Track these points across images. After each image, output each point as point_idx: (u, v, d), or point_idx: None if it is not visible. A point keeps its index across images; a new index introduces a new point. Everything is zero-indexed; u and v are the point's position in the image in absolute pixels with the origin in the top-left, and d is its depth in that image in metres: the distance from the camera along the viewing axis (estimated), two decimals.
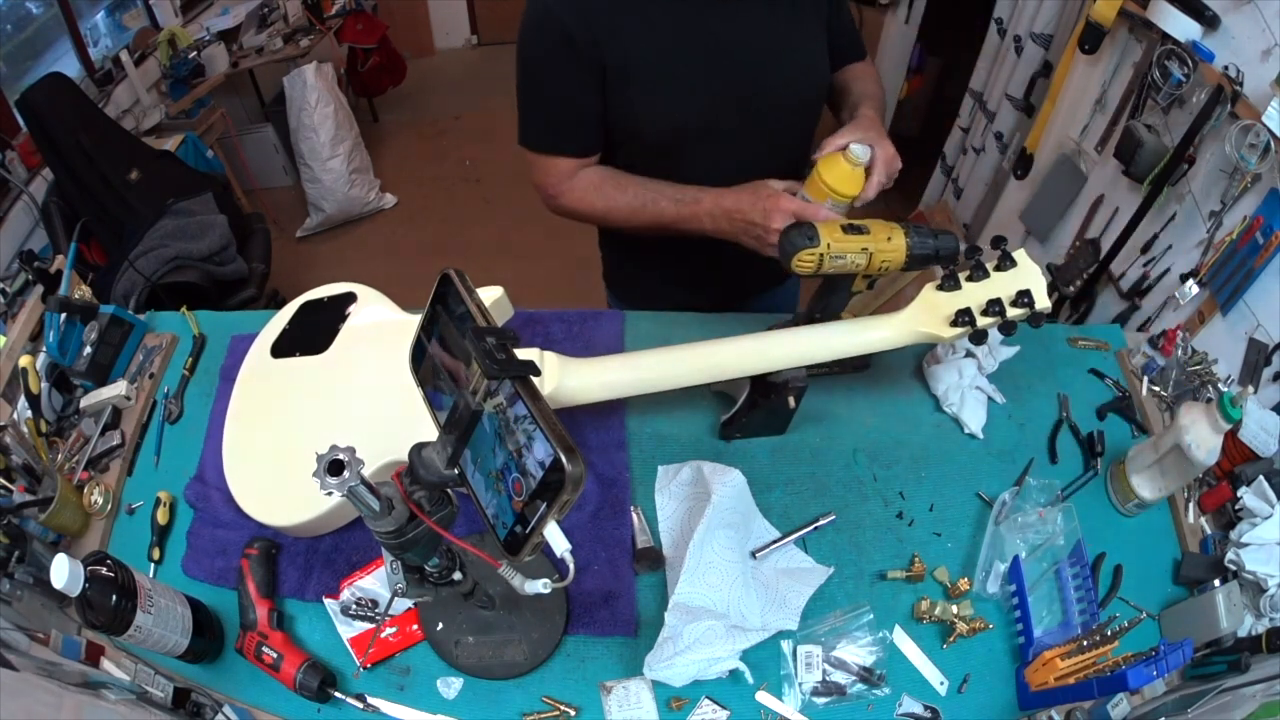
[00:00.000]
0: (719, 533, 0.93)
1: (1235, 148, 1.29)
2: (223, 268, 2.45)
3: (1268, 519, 0.97)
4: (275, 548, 1.00)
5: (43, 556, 0.92)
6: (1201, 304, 1.37)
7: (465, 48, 4.78)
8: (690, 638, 0.85)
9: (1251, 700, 0.77)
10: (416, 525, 0.65)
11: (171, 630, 0.85)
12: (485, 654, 0.91)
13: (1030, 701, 0.89)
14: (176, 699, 0.87)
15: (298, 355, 1.10)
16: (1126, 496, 1.04)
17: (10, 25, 2.56)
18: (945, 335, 0.94)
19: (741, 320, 1.28)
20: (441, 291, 0.70)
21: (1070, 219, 1.96)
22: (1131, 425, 1.15)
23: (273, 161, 3.54)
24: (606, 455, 1.10)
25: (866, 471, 1.09)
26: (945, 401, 1.15)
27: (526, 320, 1.28)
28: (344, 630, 0.94)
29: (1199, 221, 1.43)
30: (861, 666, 0.91)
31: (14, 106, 2.26)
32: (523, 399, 0.56)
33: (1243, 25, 1.37)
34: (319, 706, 0.89)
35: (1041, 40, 2.18)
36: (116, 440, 1.13)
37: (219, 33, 3.25)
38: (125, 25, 3.03)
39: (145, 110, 2.91)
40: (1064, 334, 1.27)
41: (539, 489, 0.55)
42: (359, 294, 1.14)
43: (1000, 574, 0.96)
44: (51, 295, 1.19)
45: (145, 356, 1.25)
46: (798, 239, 0.89)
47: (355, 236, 3.44)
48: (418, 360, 0.74)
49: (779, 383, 1.01)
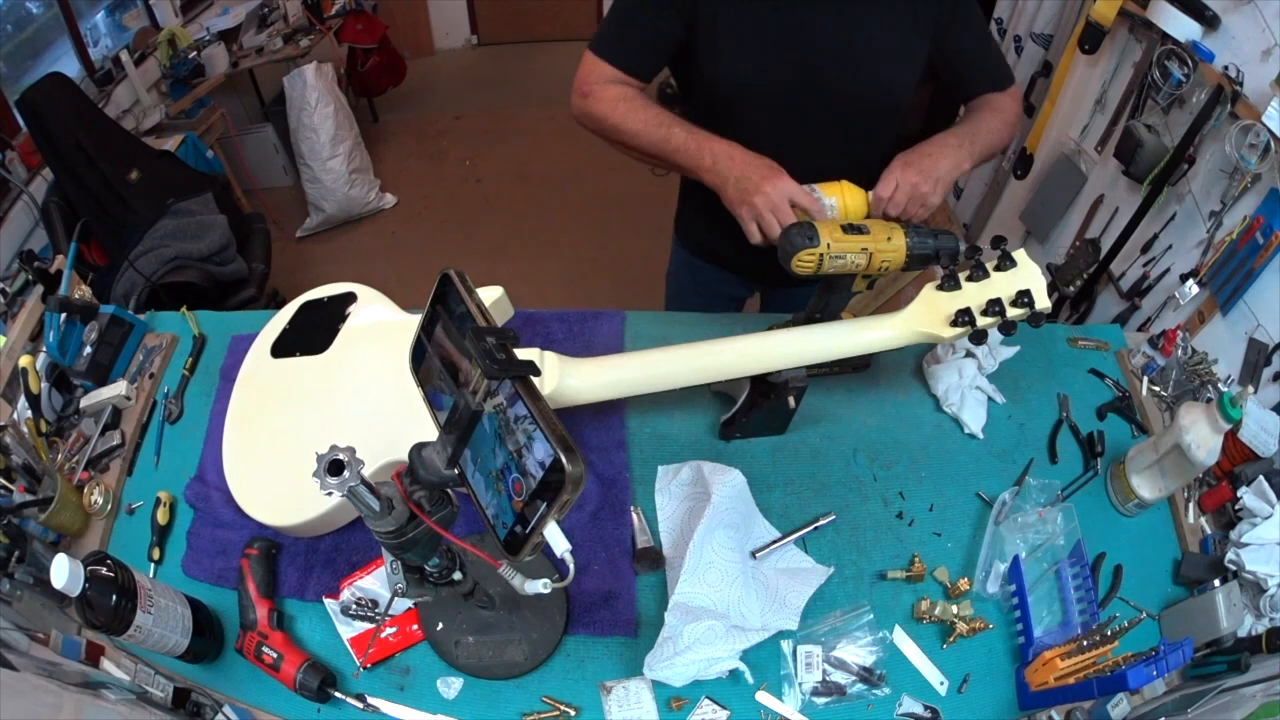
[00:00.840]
0: (719, 533, 0.93)
1: (1235, 148, 1.29)
2: (223, 268, 2.45)
3: (1268, 519, 0.97)
4: (275, 548, 1.00)
5: (43, 556, 0.92)
6: (1201, 304, 1.37)
7: (465, 48, 4.78)
8: (690, 638, 0.85)
9: (1251, 700, 0.77)
10: (416, 525, 0.65)
11: (171, 630, 0.85)
12: (485, 654, 0.91)
13: (1030, 701, 0.89)
14: (176, 699, 0.87)
15: (298, 355, 1.10)
16: (1126, 496, 1.04)
17: (10, 25, 2.55)
18: (945, 335, 0.94)
19: (742, 320, 1.27)
20: (441, 291, 0.70)
21: (1070, 219, 1.96)
22: (1131, 425, 1.15)
23: (273, 161, 3.53)
24: (606, 455, 1.10)
25: (866, 471, 1.09)
26: (945, 401, 1.15)
27: (526, 320, 1.28)
28: (344, 630, 0.94)
29: (1199, 221, 1.43)
30: (861, 666, 0.91)
31: (14, 106, 2.25)
32: (523, 399, 0.56)
33: (1243, 25, 1.37)
34: (319, 706, 0.89)
35: (1041, 40, 2.18)
36: (116, 440, 1.13)
37: (219, 33, 3.24)
38: (125, 25, 3.03)
39: (145, 110, 2.91)
40: (1064, 334, 1.27)
41: (539, 489, 0.55)
42: (359, 294, 1.14)
43: (1000, 574, 0.96)
44: (51, 295, 1.19)
45: (145, 356, 1.25)
46: (798, 239, 0.89)
47: (355, 236, 3.44)
48: (418, 360, 0.74)
49: (779, 383, 1.01)
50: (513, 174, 3.66)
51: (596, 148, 1.23)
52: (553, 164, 3.68)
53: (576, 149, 3.77)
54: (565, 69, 1.31)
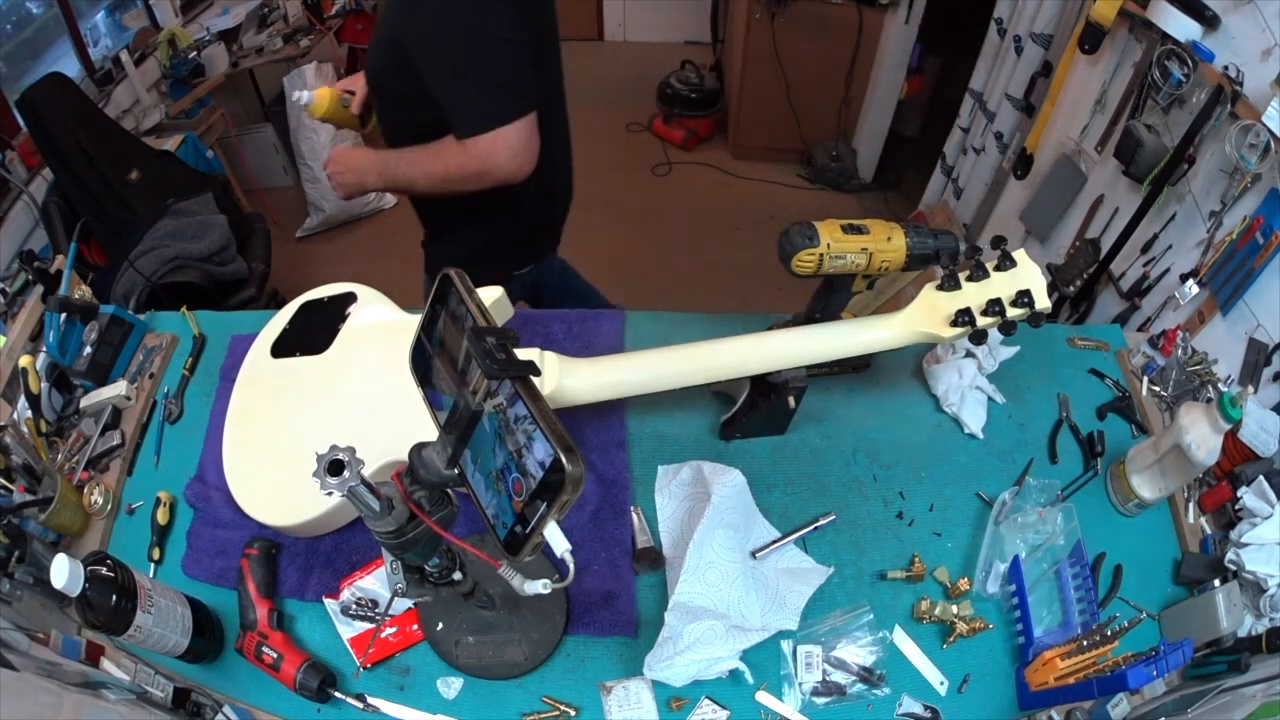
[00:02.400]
0: (719, 533, 0.93)
1: (1235, 148, 1.29)
2: (223, 268, 2.45)
3: (1268, 519, 0.97)
4: (275, 548, 1.00)
5: (43, 556, 0.92)
6: (1201, 304, 1.37)
7: None
8: (690, 638, 0.85)
9: (1251, 700, 0.77)
10: (416, 525, 0.65)
11: (171, 630, 0.85)
12: (485, 654, 0.91)
13: (1030, 701, 0.89)
14: (176, 699, 0.87)
15: (298, 355, 1.10)
16: (1126, 496, 1.04)
17: (10, 25, 2.55)
18: (945, 335, 0.94)
19: (741, 320, 1.27)
20: (441, 291, 0.70)
21: (1070, 219, 1.95)
22: (1131, 425, 1.15)
23: (273, 161, 3.53)
24: (606, 455, 1.10)
25: (866, 471, 1.09)
26: (945, 401, 1.14)
27: (526, 320, 1.28)
28: (344, 630, 0.94)
29: (1199, 221, 1.43)
30: (861, 666, 0.91)
31: (14, 106, 2.25)
32: (523, 399, 0.56)
33: (1243, 25, 1.37)
34: (319, 706, 0.89)
35: (1041, 40, 2.18)
36: (116, 440, 1.13)
37: (219, 33, 3.24)
38: (125, 25, 3.03)
39: (145, 110, 2.91)
40: (1064, 334, 1.27)
41: (539, 489, 0.55)
42: (359, 294, 1.14)
43: (1000, 574, 0.96)
44: (51, 295, 1.19)
45: (145, 356, 1.25)
46: (798, 239, 0.88)
47: (355, 236, 3.43)
48: (418, 360, 0.74)
49: (779, 383, 1.01)
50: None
51: (596, 147, 1.23)
52: None
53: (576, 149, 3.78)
54: (565, 69, 1.31)
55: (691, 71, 3.71)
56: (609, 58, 4.51)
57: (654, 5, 4.46)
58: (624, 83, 4.11)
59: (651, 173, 3.64)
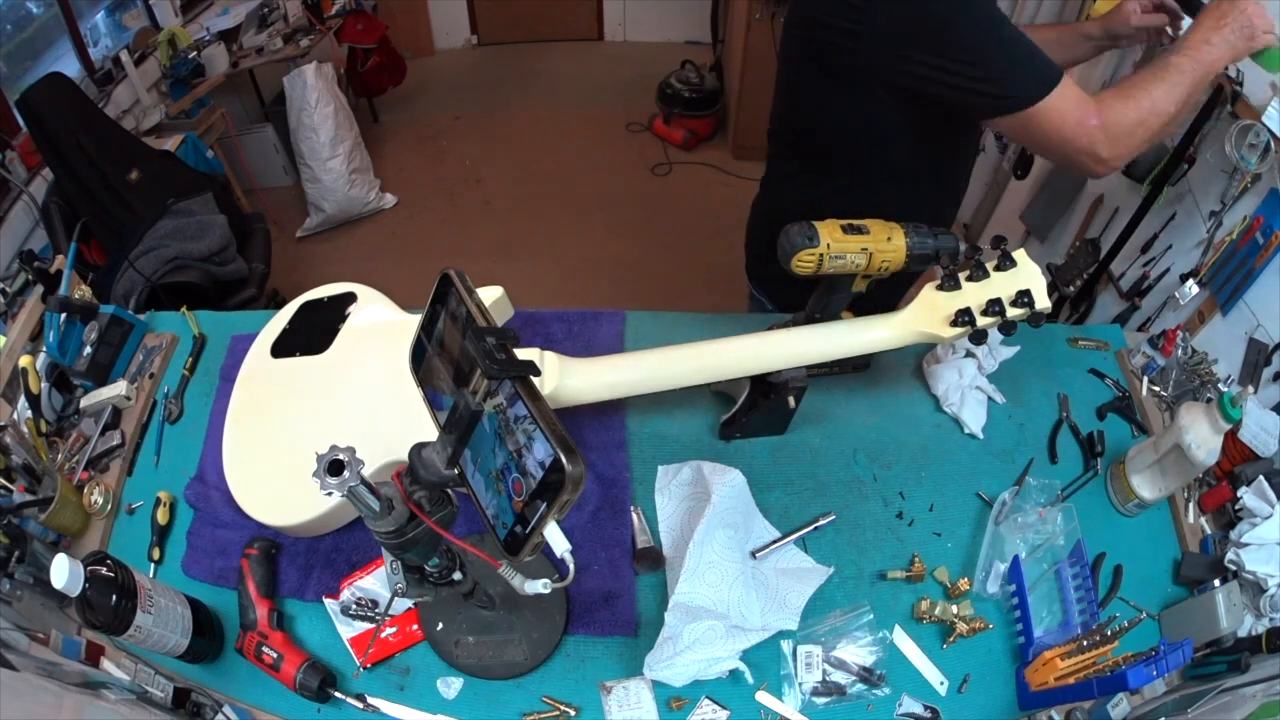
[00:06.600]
0: (719, 533, 0.93)
1: (1235, 148, 1.29)
2: (223, 268, 2.45)
3: (1268, 519, 0.97)
4: (275, 548, 1.00)
5: (43, 556, 0.92)
6: (1201, 304, 1.36)
7: (465, 48, 4.77)
8: (690, 638, 0.85)
9: (1251, 700, 0.77)
10: (416, 525, 0.65)
11: (171, 630, 0.85)
12: (485, 654, 0.91)
13: (1030, 701, 0.89)
14: (176, 699, 0.87)
15: (298, 355, 1.10)
16: (1126, 496, 1.04)
17: (10, 25, 2.55)
18: (945, 335, 0.94)
19: (741, 320, 1.27)
20: (441, 291, 0.70)
21: (1070, 219, 1.95)
22: (1131, 425, 1.15)
23: (273, 161, 3.53)
24: (606, 455, 1.10)
25: (866, 471, 1.09)
26: (945, 401, 1.14)
27: (526, 320, 1.28)
28: (344, 630, 0.94)
29: (1199, 221, 1.43)
30: (861, 666, 0.91)
31: (14, 106, 2.25)
32: (523, 399, 0.56)
33: None
34: (319, 706, 0.89)
35: None
36: (116, 440, 1.13)
37: (219, 33, 3.24)
38: (125, 25, 3.03)
39: (145, 110, 2.90)
40: (1064, 334, 1.27)
41: (539, 489, 0.55)
42: (359, 294, 1.14)
43: (1000, 574, 0.96)
44: (51, 295, 1.19)
45: (145, 356, 1.25)
46: (798, 239, 0.89)
47: (355, 236, 3.43)
48: (418, 360, 0.74)
49: (779, 383, 1.01)
50: (513, 174, 3.66)
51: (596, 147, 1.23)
52: (553, 164, 3.68)
53: (577, 149, 3.79)
54: (565, 69, 1.31)
55: (691, 71, 3.71)
56: (609, 58, 4.51)
57: (654, 5, 4.45)
58: (624, 83, 4.11)
59: (652, 173, 3.64)
